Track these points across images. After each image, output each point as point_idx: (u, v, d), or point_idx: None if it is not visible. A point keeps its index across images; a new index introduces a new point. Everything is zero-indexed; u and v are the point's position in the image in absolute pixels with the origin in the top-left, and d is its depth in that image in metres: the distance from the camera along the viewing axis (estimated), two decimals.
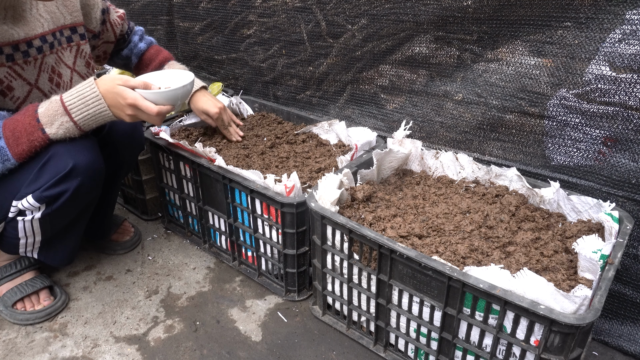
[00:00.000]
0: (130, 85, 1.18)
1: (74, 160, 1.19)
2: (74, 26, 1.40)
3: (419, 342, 1.18)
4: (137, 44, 1.65)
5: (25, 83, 1.26)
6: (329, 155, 1.57)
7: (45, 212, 1.24)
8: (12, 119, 1.17)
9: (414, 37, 1.45)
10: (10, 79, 1.22)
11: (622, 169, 1.18)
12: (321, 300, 1.38)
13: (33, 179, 1.20)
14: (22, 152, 1.17)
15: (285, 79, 1.84)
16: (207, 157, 1.45)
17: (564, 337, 0.92)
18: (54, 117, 1.16)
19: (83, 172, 1.21)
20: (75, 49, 1.40)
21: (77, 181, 1.21)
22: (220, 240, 1.62)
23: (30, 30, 1.25)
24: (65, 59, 1.37)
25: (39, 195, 1.19)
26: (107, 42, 1.59)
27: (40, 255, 1.38)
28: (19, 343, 1.34)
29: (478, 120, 1.41)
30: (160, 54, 1.67)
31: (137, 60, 1.67)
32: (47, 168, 1.19)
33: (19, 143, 1.16)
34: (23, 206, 1.22)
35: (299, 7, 1.66)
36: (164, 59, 1.66)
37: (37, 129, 1.16)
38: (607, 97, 1.15)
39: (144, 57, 1.66)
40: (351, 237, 1.18)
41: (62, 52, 1.36)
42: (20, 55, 1.23)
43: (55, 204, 1.23)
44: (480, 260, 1.10)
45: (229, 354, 1.30)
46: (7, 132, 1.16)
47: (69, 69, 1.38)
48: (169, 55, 1.68)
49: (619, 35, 1.11)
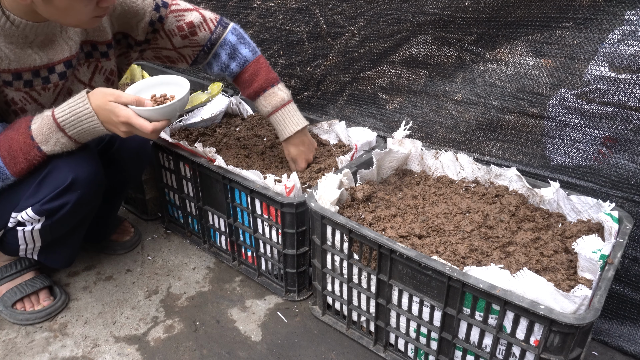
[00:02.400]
0: (123, 101, 1.11)
1: (73, 173, 1.18)
2: (94, 43, 1.29)
3: (419, 342, 1.18)
4: (228, 65, 1.45)
5: (40, 107, 1.21)
6: (328, 155, 1.57)
7: (45, 223, 1.23)
8: (6, 136, 1.13)
9: (414, 38, 1.46)
10: (24, 102, 1.19)
11: (621, 169, 1.18)
12: (321, 300, 1.38)
13: (33, 192, 1.19)
14: (21, 170, 1.15)
15: (284, 79, 1.84)
16: (207, 157, 1.45)
17: (564, 337, 0.92)
18: (49, 135, 1.13)
19: (83, 184, 1.20)
20: (94, 65, 1.31)
21: (77, 194, 1.20)
22: (220, 240, 1.62)
23: (54, 55, 1.19)
24: (80, 75, 1.29)
25: (39, 209, 1.19)
26: (164, 48, 1.43)
27: (40, 257, 1.38)
28: (19, 343, 1.34)
29: (478, 121, 1.41)
30: (255, 82, 1.44)
31: (232, 79, 1.50)
32: (47, 181, 1.18)
33: (16, 162, 1.14)
34: (22, 218, 1.21)
35: (298, 8, 1.66)
36: (259, 89, 1.44)
37: (33, 147, 1.13)
38: (607, 97, 1.15)
39: (239, 81, 1.47)
40: (351, 237, 1.18)
41: (79, 68, 1.28)
42: (39, 82, 1.18)
43: (55, 216, 1.22)
44: (480, 260, 1.10)
45: (229, 354, 1.30)
46: (3, 151, 1.13)
47: (83, 84, 1.30)
48: (265, 82, 1.43)
49: (618, 36, 1.11)
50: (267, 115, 1.48)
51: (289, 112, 1.46)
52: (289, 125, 1.46)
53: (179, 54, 1.46)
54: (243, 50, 1.44)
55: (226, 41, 1.44)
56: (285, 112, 1.46)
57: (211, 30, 1.42)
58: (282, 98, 1.45)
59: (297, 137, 1.47)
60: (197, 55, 1.46)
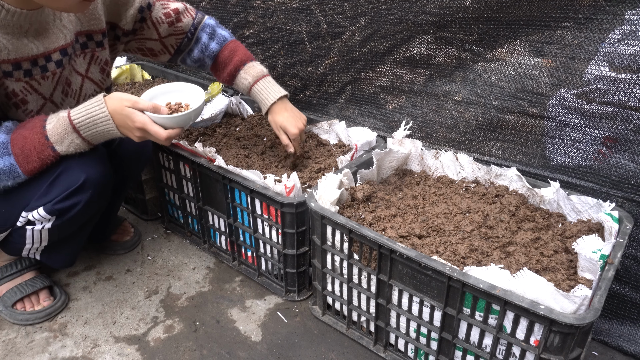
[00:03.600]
0: (140, 107, 1.14)
1: (85, 174, 1.19)
2: (90, 33, 1.31)
3: (419, 342, 1.18)
4: (208, 45, 1.50)
5: (40, 97, 1.23)
6: (329, 155, 1.57)
7: (55, 223, 1.24)
8: (20, 134, 1.14)
9: (414, 37, 1.46)
10: (25, 92, 1.20)
11: (621, 169, 1.18)
12: (321, 300, 1.38)
13: (44, 192, 1.20)
14: (34, 169, 1.16)
15: (285, 79, 1.84)
16: (207, 157, 1.45)
17: (564, 337, 0.92)
18: (64, 136, 1.14)
19: (94, 185, 1.22)
20: (90, 56, 1.33)
21: (89, 194, 1.22)
22: (220, 240, 1.62)
23: (50, 44, 1.20)
24: (77, 66, 1.30)
25: (51, 208, 1.20)
26: (149, 39, 1.46)
27: (42, 257, 1.38)
28: (19, 343, 1.34)
29: (478, 121, 1.41)
30: (235, 56, 1.50)
31: (211, 62, 1.53)
32: (59, 182, 1.19)
33: (29, 160, 1.14)
34: (33, 217, 1.22)
35: (299, 7, 1.66)
36: (239, 62, 1.49)
37: (47, 147, 1.14)
38: (607, 97, 1.15)
39: (219, 60, 1.52)
40: (351, 237, 1.18)
41: (75, 59, 1.29)
42: (38, 71, 1.19)
43: (66, 215, 1.23)
44: (480, 260, 1.10)
45: (229, 354, 1.30)
46: (16, 150, 1.13)
47: (80, 75, 1.32)
48: (244, 57, 1.50)
49: (618, 36, 1.11)
50: (248, 88, 1.49)
51: (269, 82, 1.50)
52: (272, 93, 1.48)
53: (163, 45, 1.49)
54: (222, 32, 1.53)
55: (207, 24, 1.52)
56: (266, 82, 1.49)
57: (193, 17, 1.50)
58: (262, 70, 1.50)
59: (280, 104, 1.48)
60: (180, 44, 1.49)
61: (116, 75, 2.22)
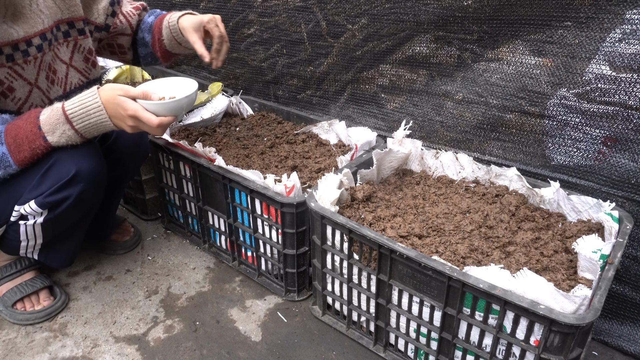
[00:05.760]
0: (131, 95, 1.15)
1: (77, 166, 1.19)
2: (71, 21, 1.34)
3: (419, 342, 1.18)
4: (146, 20, 1.52)
5: (26, 83, 1.24)
6: (329, 155, 1.57)
7: (47, 217, 1.24)
8: (14, 124, 1.15)
9: (414, 37, 1.45)
10: (10, 79, 1.21)
11: (622, 169, 1.18)
12: (321, 300, 1.38)
13: (36, 185, 1.20)
14: (24, 159, 1.16)
15: (285, 78, 1.84)
16: (207, 157, 1.45)
17: (564, 337, 0.92)
18: (56, 126, 1.15)
19: (86, 178, 1.21)
20: (73, 44, 1.35)
21: (80, 187, 1.21)
22: (220, 240, 1.62)
23: (29, 28, 1.22)
24: (61, 54, 1.33)
25: (42, 201, 1.20)
26: (122, 34, 1.50)
27: (40, 257, 1.38)
28: (19, 343, 1.34)
29: (478, 120, 1.41)
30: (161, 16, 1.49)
31: (150, 36, 1.50)
32: (50, 174, 1.19)
33: (20, 150, 1.15)
34: (25, 211, 1.22)
35: (299, 7, 1.66)
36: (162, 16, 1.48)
37: (38, 137, 1.15)
38: (607, 96, 1.15)
39: (154, 30, 1.49)
40: (351, 237, 1.18)
41: (59, 47, 1.32)
42: (20, 55, 1.21)
43: (57, 209, 1.23)
44: (480, 260, 1.10)
45: (229, 354, 1.30)
46: (9, 139, 1.15)
47: (65, 64, 1.34)
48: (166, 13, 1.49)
49: (619, 35, 1.11)
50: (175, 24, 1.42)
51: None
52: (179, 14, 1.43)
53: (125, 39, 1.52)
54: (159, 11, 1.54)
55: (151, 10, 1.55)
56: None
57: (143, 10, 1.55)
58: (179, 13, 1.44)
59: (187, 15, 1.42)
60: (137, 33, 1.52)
61: (116, 75, 2.21)
